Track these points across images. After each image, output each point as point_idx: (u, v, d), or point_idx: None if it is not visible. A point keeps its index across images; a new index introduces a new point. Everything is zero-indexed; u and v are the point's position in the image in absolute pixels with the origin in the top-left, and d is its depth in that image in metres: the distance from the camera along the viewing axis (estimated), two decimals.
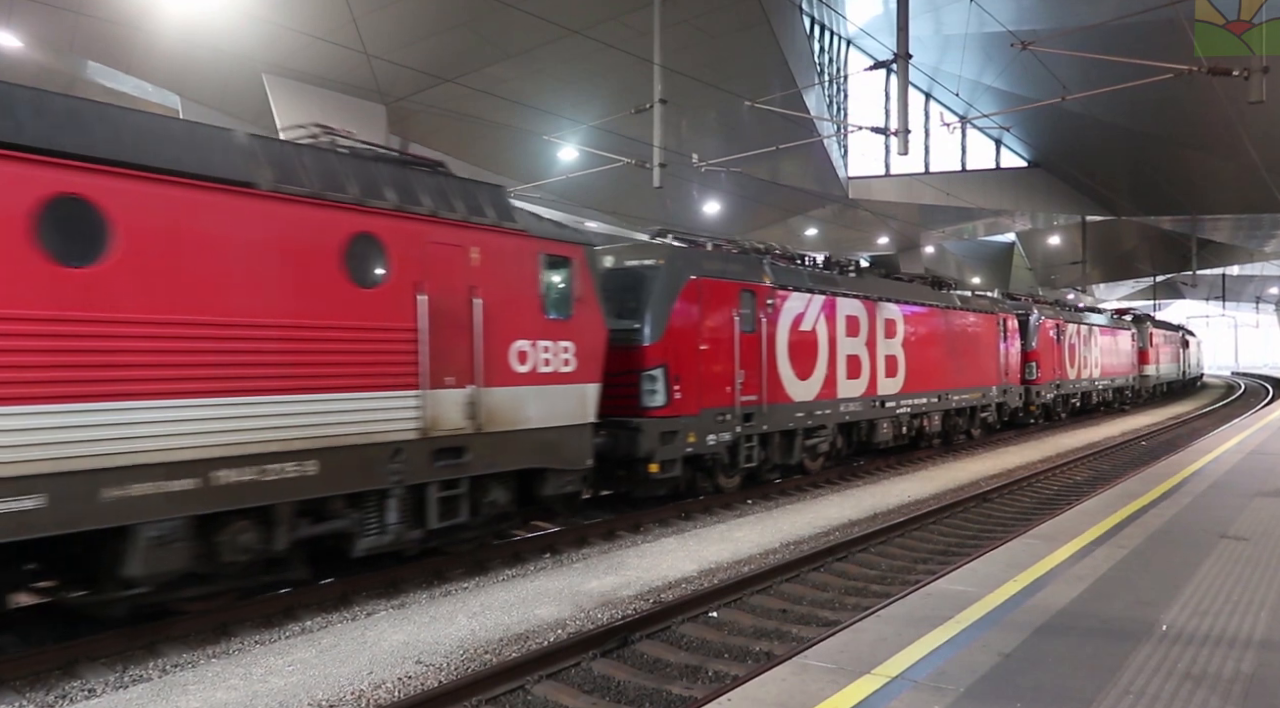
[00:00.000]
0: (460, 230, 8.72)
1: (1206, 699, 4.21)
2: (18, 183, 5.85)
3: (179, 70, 19.11)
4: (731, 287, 12.87)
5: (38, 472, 5.87)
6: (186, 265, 6.70)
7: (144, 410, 6.42)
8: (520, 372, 9.32)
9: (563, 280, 9.96)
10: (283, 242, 7.32)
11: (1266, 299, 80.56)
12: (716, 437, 12.47)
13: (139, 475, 6.36)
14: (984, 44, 29.73)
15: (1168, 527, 8.22)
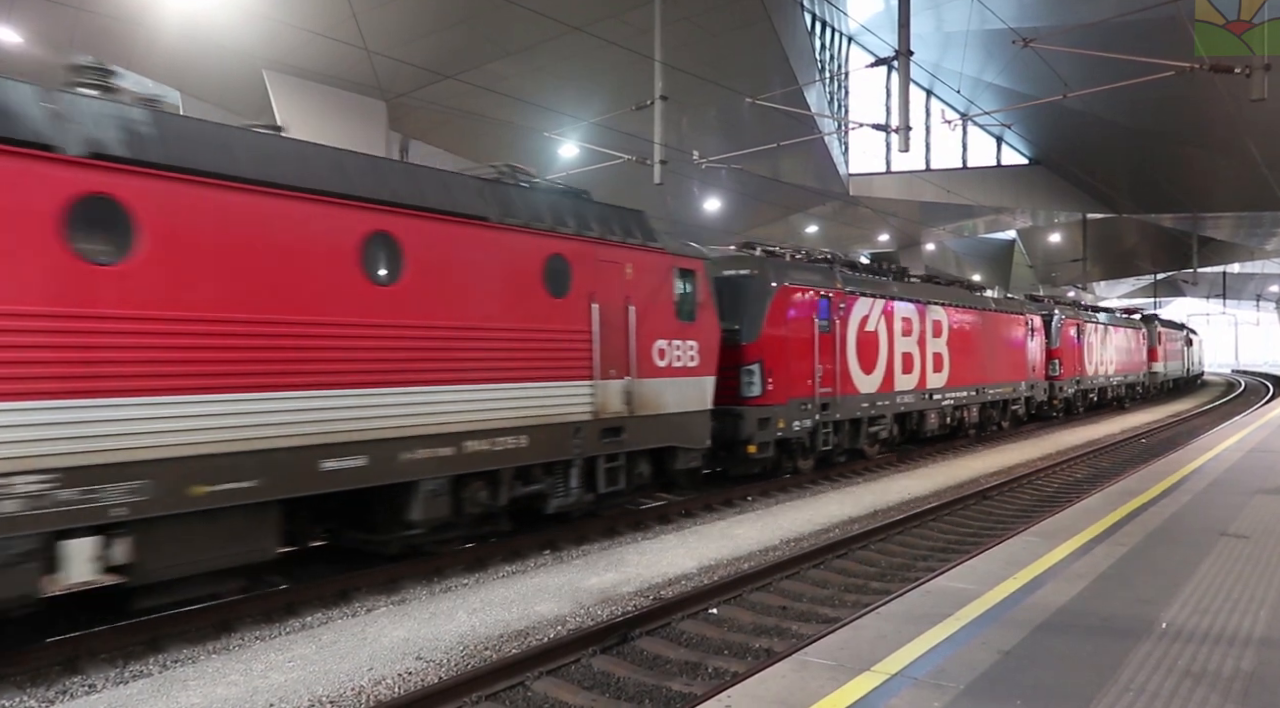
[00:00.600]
0: (619, 249, 10.71)
1: (1206, 697, 4.21)
2: (350, 223, 7.81)
3: (180, 66, 19.09)
4: (813, 292, 14.84)
5: (363, 438, 7.80)
6: (452, 283, 8.67)
7: (429, 392, 8.40)
8: (660, 366, 11.30)
9: (689, 289, 11.87)
10: (505, 262, 9.24)
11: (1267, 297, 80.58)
12: (800, 423, 14.34)
13: (421, 444, 8.29)
14: (985, 41, 29.70)
15: (1167, 525, 8.22)
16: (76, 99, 6.46)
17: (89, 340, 6.18)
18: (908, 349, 17.64)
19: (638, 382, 10.85)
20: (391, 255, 8.15)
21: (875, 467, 16.75)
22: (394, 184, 8.33)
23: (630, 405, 10.70)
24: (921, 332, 18.27)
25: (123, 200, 6.41)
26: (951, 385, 19.43)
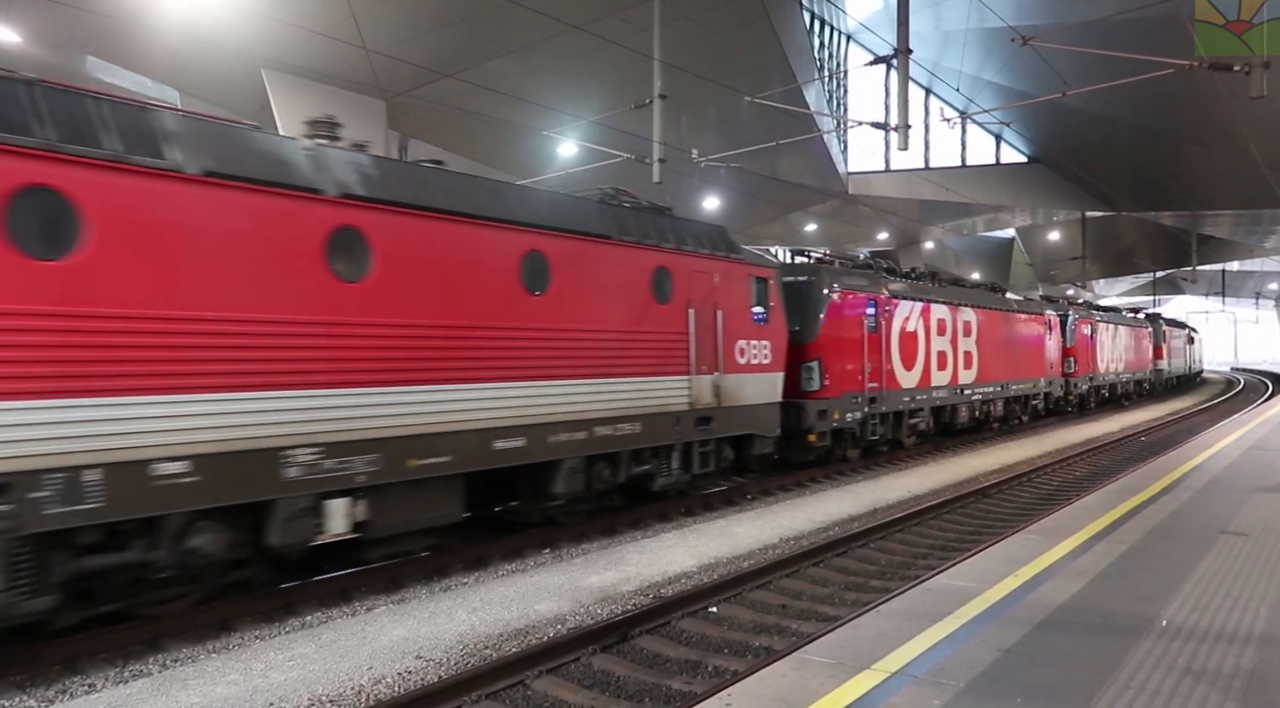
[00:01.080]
0: (708, 261, 12.18)
1: (1207, 695, 4.21)
2: (513, 243, 9.38)
3: (178, 66, 19.07)
4: (862, 297, 16.26)
5: (523, 423, 9.29)
6: (587, 292, 10.20)
7: (569, 385, 9.91)
8: (741, 363, 12.73)
9: (763, 294, 13.25)
10: (623, 273, 10.73)
11: (1266, 295, 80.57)
12: (852, 415, 15.78)
13: (564, 429, 9.82)
14: (984, 39, 29.68)
15: (1167, 522, 8.22)
16: (325, 150, 8.08)
17: (342, 343, 7.77)
18: (942, 348, 19.14)
19: (724, 377, 12.38)
20: (542, 270, 9.72)
21: (875, 465, 16.76)
22: (541, 210, 9.94)
23: (718, 398, 12.24)
24: (954, 332, 19.74)
25: (363, 230, 8.00)
26: (980, 381, 20.93)
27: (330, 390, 7.63)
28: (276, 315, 7.31)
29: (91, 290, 6.25)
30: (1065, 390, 27.46)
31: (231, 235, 7.09)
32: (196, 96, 20.49)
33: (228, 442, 6.95)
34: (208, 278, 6.91)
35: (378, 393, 8.01)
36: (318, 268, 7.61)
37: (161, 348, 6.61)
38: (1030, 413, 24.81)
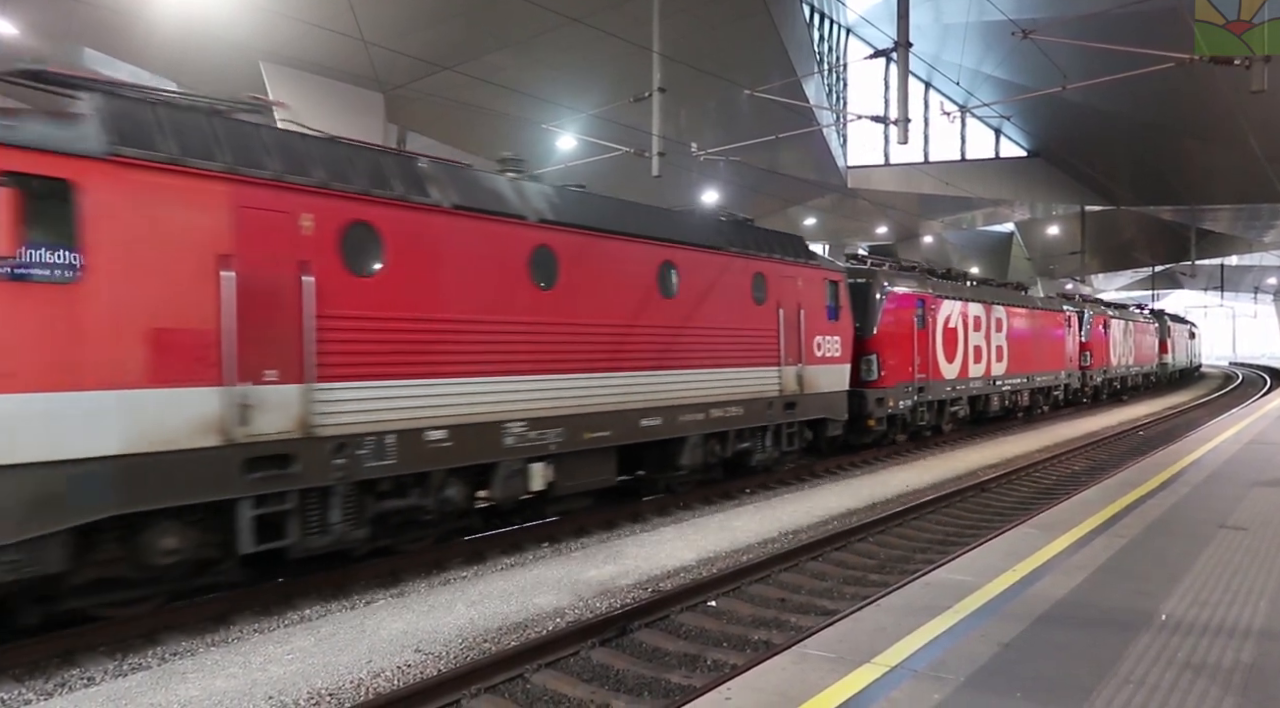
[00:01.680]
0: (793, 266, 14.07)
1: (1206, 689, 4.21)
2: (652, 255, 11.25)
3: (176, 58, 19.00)
4: (912, 296, 18.13)
5: (661, 404, 11.28)
6: (706, 295, 12.13)
7: (694, 374, 11.87)
8: (818, 355, 14.57)
9: (834, 295, 15.09)
10: (731, 279, 12.60)
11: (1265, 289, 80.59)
12: (904, 402, 17.50)
13: (690, 410, 11.73)
14: (984, 33, 29.62)
15: (1166, 517, 8.22)
16: (523, 183, 10.01)
17: (540, 339, 9.65)
18: (978, 343, 21.00)
19: (805, 367, 14.22)
20: (673, 277, 11.55)
21: (873, 459, 16.77)
22: (671, 226, 11.78)
23: (801, 386, 14.07)
24: (988, 328, 21.59)
25: (553, 247, 9.86)
26: (1009, 373, 22.87)
27: (532, 377, 9.59)
28: (500, 317, 9.26)
29: (389, 299, 8.23)
30: (1082, 383, 29.36)
31: (471, 254, 9.03)
32: (195, 89, 20.41)
33: (469, 416, 8.93)
34: (456, 288, 8.85)
35: (563, 379, 9.95)
36: (524, 279, 9.57)
37: (431, 343, 8.57)
38: (1051, 403, 26.63)
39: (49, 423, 6.04)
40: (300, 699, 5.80)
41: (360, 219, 8.02)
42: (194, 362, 6.83)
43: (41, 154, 6.14)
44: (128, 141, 6.62)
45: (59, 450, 6.07)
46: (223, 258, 7.02)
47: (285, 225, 7.47)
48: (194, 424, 6.83)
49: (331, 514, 7.81)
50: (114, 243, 6.45)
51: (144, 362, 6.56)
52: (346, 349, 7.86)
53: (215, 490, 6.95)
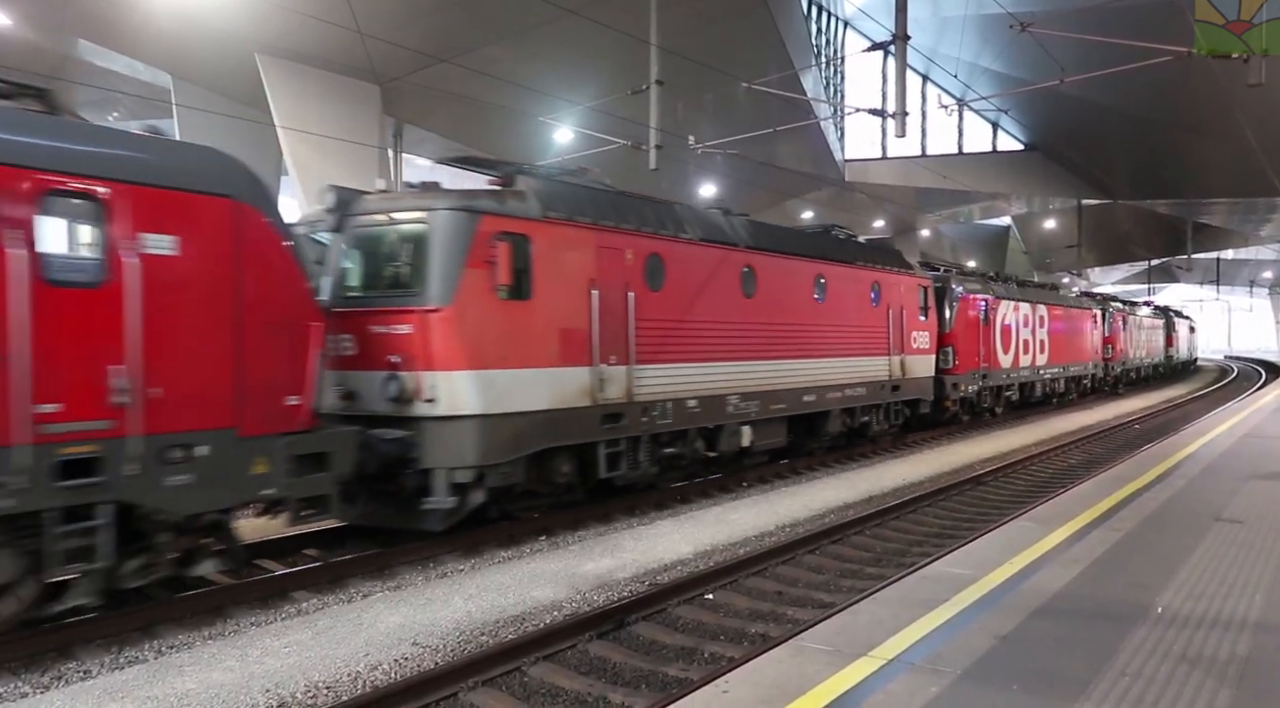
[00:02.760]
0: (896, 275, 17.32)
1: (1202, 681, 4.22)
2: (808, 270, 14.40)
3: (171, 50, 18.90)
4: (978, 298, 21.45)
5: (817, 385, 14.42)
6: (843, 299, 15.25)
7: (837, 361, 15.00)
8: (914, 347, 17.74)
9: (924, 297, 18.35)
10: (858, 286, 15.87)
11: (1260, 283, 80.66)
12: (972, 387, 20.81)
13: (833, 389, 14.93)
14: (982, 25, 29.54)
15: (1162, 510, 8.24)
16: (730, 216, 13.39)
17: (745, 334, 12.84)
18: (1026, 337, 24.32)
19: (906, 357, 17.34)
20: (823, 285, 14.78)
21: (871, 453, 16.79)
22: (818, 246, 15.10)
23: (903, 372, 17.22)
24: (1033, 324, 24.93)
25: (754, 266, 13.03)
26: (1050, 364, 26.25)
27: (741, 362, 12.78)
28: (723, 318, 12.45)
29: (668, 306, 11.41)
30: (1105, 372, 32.75)
31: (708, 272, 12.14)
32: (190, 81, 20.33)
33: (709, 390, 12.11)
34: (701, 297, 12.00)
35: (758, 364, 13.15)
36: (736, 289, 12.75)
37: (689, 337, 11.76)
38: (1080, 390, 30.10)
39: (521, 388, 9.36)
40: (297, 692, 5.79)
41: (654, 251, 11.30)
42: (579, 350, 10.11)
43: (518, 220, 9.46)
44: (549, 208, 9.90)
45: (525, 405, 9.38)
46: (591, 281, 10.29)
47: (619, 258, 10.74)
48: (579, 391, 10.08)
49: (641, 456, 11.10)
50: (545, 274, 9.69)
51: (558, 350, 9.84)
52: (648, 341, 11.09)
53: (589, 435, 10.28)
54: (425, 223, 8.98)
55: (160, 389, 6.51)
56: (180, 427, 6.65)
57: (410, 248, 8.95)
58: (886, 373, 16.60)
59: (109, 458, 6.27)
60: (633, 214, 11.15)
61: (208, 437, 6.80)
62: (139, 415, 6.41)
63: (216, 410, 6.86)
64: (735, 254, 12.72)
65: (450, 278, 8.81)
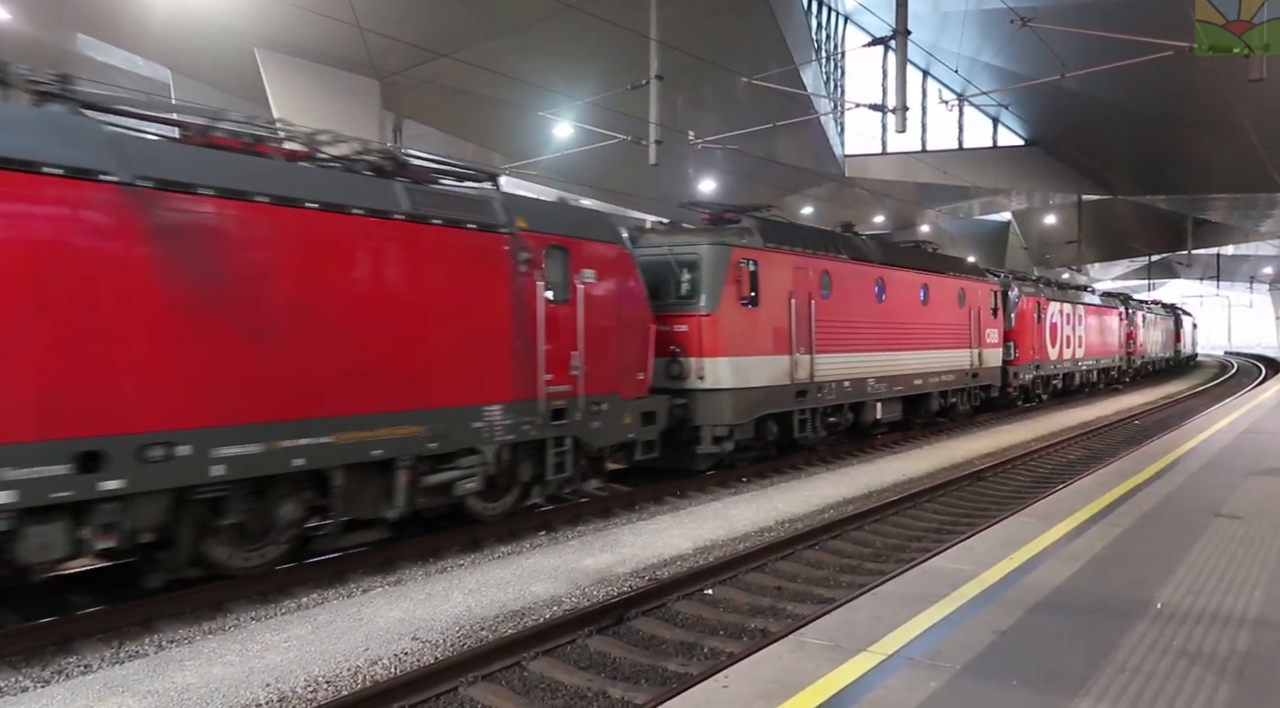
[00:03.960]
0: (975, 282, 20.86)
1: (1202, 677, 4.23)
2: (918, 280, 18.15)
3: (170, 44, 18.86)
4: (1033, 299, 24.98)
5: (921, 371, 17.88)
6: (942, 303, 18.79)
7: (934, 352, 18.48)
8: (987, 341, 21.22)
9: (994, 300, 21.87)
10: (949, 292, 19.14)
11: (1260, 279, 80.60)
12: (1029, 376, 24.52)
13: (933, 375, 18.34)
14: (983, 21, 29.48)
15: (1161, 506, 8.25)
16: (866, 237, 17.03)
17: (878, 330, 16.02)
18: (1068, 333, 27.95)
19: (982, 350, 20.86)
20: (926, 292, 18.19)
21: (870, 448, 16.79)
22: (924, 259, 18.63)
23: (980, 362, 20.70)
24: (1074, 322, 28.59)
25: (884, 278, 16.62)
26: (1086, 357, 29.99)
27: (875, 353, 16.09)
28: (864, 318, 15.81)
29: (833, 309, 14.90)
30: (1128, 365, 36.24)
31: (856, 284, 15.70)
32: (189, 76, 20.29)
33: (856, 374, 15.51)
34: (851, 302, 15.47)
35: (886, 354, 16.48)
36: (873, 296, 16.18)
37: (844, 332, 15.15)
38: (1108, 381, 33.75)
39: (753, 370, 13.00)
40: (298, 687, 5.80)
41: (825, 269, 14.81)
42: (783, 343, 13.69)
43: (751, 249, 13.13)
44: (767, 240, 13.60)
45: (755, 383, 13.02)
46: (790, 292, 13.88)
47: (805, 274, 14.28)
48: (783, 372, 13.65)
49: (816, 423, 14.62)
50: (765, 288, 13.30)
51: (772, 343, 13.46)
52: (821, 336, 14.57)
53: (788, 406, 13.89)
54: (697, 254, 12.63)
55: (590, 367, 10.26)
56: (598, 391, 10.42)
57: (687, 271, 12.64)
58: (969, 363, 20.26)
59: (570, 409, 10.05)
60: (812, 241, 14.91)
61: (608, 398, 10.60)
62: (583, 383, 10.20)
63: (611, 382, 10.65)
64: (872, 268, 16.28)
65: (715, 291, 12.55)
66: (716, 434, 12.55)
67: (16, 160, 5.97)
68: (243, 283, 7.07)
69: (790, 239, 14.27)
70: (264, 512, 7.59)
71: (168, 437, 6.61)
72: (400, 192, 8.38)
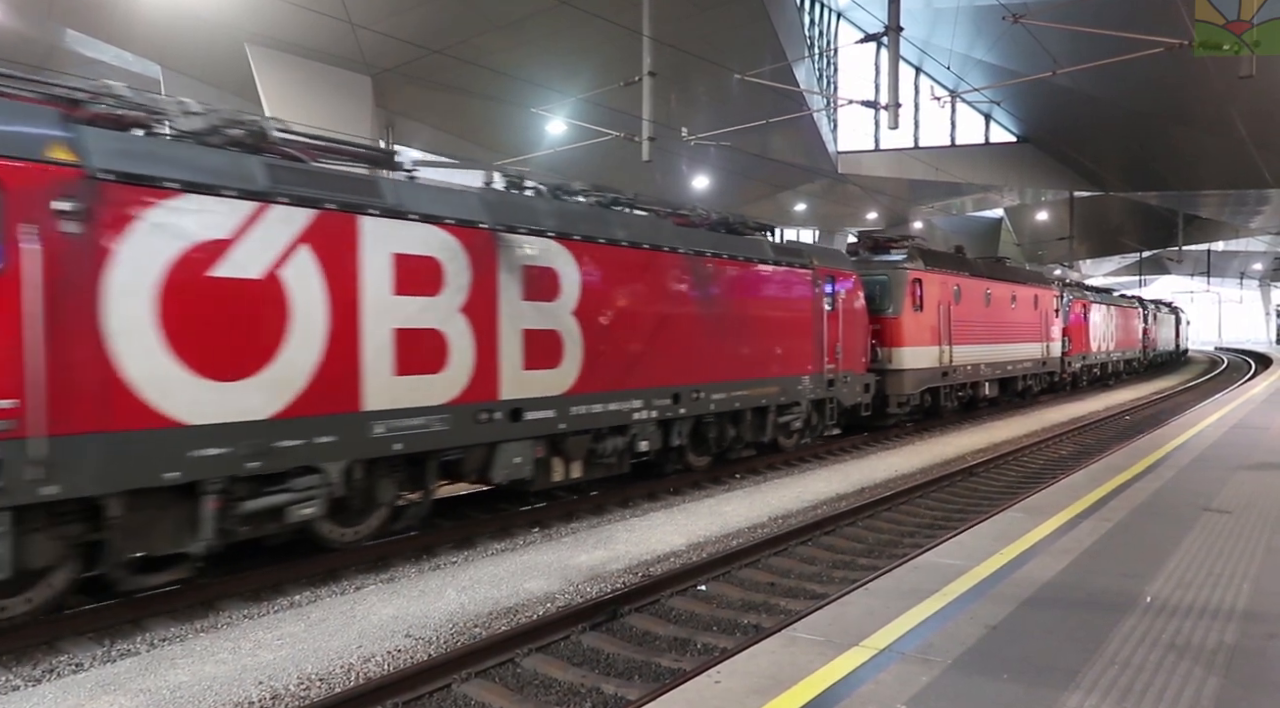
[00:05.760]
0: (1044, 288, 25.69)
1: (1190, 670, 4.26)
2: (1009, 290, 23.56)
3: (160, 40, 18.78)
4: (1079, 301, 29.93)
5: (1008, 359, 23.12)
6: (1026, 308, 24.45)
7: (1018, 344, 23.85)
8: (1051, 336, 26.11)
9: (1056, 302, 26.72)
10: (1028, 297, 24.44)
11: (1251, 275, 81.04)
12: (1078, 365, 29.73)
13: (1019, 363, 23.75)
14: (975, 17, 29.54)
15: (1151, 500, 8.29)
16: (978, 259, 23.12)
17: (984, 328, 21.41)
18: (1104, 330, 33.44)
19: (1049, 344, 26.11)
20: (1013, 298, 22.82)
21: (862, 444, 16.84)
22: (1009, 273, 23.43)
23: (1048, 354, 26.07)
24: (1108, 320, 33.99)
25: (990, 289, 22.01)
26: (1115, 350, 35.01)
27: (984, 345, 20.86)
28: (978, 319, 20.64)
29: (960, 312, 20.00)
30: (1144, 357, 41.47)
31: (975, 293, 20.70)
32: (179, 72, 20.19)
33: (973, 361, 20.57)
34: (970, 307, 20.36)
35: (990, 346, 21.31)
36: (982, 302, 21.02)
37: (966, 328, 20.15)
38: (1130, 370, 39.12)
39: (922, 357, 18.38)
40: (290, 684, 5.80)
41: (957, 284, 19.61)
42: (935, 337, 18.50)
43: (919, 271, 18.17)
44: (927, 263, 18.70)
45: (922, 365, 18.35)
46: (939, 301, 18.71)
47: (947, 287, 19.29)
48: (935, 358, 18.61)
49: (952, 397, 19.68)
50: (927, 298, 18.47)
51: (930, 337, 18.59)
52: (955, 333, 19.57)
53: (938, 383, 18.79)
54: (888, 275, 18.20)
55: (843, 353, 15.28)
56: (847, 368, 15.49)
57: (880, 287, 18.05)
58: (1041, 354, 25.38)
59: (836, 380, 15.13)
60: (949, 262, 20.13)
61: (850, 374, 15.60)
62: (841, 363, 15.22)
63: (850, 363, 15.62)
64: (981, 281, 21.51)
65: (899, 301, 18.04)
66: (899, 401, 17.87)
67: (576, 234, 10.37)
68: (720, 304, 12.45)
69: (938, 262, 19.61)
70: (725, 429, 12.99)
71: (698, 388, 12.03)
72: (768, 246, 13.74)
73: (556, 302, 9.79)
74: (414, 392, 8.36)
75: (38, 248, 6.05)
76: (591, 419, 10.20)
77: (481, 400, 8.99)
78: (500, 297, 9.21)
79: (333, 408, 7.72)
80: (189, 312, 6.80)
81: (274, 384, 7.30)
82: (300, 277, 7.50)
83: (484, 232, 9.10)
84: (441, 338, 8.66)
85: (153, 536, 6.84)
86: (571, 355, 9.94)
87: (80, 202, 6.27)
